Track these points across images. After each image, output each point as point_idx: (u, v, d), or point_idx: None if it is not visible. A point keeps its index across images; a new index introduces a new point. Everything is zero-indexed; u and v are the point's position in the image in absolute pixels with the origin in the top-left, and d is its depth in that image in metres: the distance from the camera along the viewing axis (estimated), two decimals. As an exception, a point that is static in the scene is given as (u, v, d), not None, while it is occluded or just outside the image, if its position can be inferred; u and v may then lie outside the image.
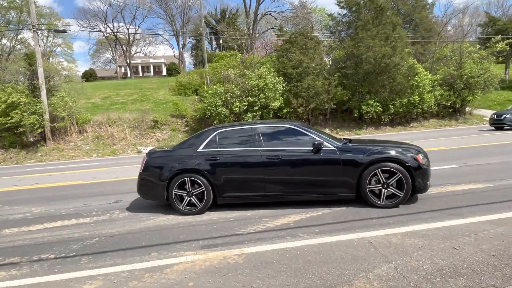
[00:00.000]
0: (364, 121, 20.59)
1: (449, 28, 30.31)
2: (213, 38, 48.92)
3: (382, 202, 4.61)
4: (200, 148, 5.10)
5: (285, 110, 19.85)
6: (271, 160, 4.86)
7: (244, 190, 5.00)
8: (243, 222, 4.39)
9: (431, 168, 4.85)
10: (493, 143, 10.73)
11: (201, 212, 4.98)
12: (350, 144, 4.97)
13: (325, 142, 4.81)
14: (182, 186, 4.98)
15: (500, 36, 22.45)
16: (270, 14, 34.63)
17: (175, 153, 5.20)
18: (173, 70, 45.32)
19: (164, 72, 57.19)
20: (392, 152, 4.66)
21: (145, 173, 5.20)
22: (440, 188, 5.40)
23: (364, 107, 19.89)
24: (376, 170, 4.56)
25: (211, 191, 4.94)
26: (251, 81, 18.95)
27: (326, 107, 20.38)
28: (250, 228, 4.11)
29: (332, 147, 4.80)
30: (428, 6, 35.15)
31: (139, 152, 16.97)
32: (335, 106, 20.93)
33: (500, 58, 29.87)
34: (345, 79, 20.13)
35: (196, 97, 23.47)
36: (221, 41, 40.90)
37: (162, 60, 60.69)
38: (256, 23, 27.34)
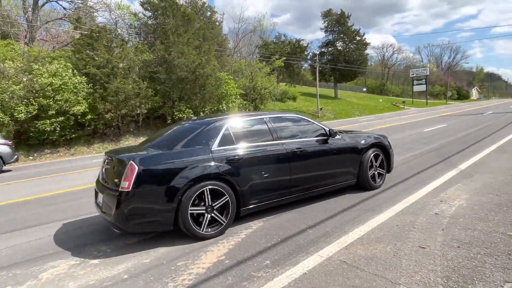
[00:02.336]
0: (179, 128, 20.43)
1: (241, 45, 34.98)
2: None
3: (377, 183, 5.33)
4: (215, 146, 3.92)
5: (88, 116, 16.81)
6: (295, 154, 4.42)
7: (271, 193, 4.23)
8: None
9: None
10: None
11: (223, 231, 3.83)
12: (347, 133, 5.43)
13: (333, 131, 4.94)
14: (197, 200, 3.65)
15: (277, 56, 27.81)
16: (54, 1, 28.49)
17: (182, 155, 3.74)
18: None
19: None
20: (380, 139, 5.53)
21: (138, 191, 3.41)
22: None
23: (177, 114, 19.74)
24: (371, 155, 5.26)
25: (235, 201, 3.87)
26: (42, 79, 14.90)
27: (139, 112, 18.82)
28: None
29: (338, 136, 4.97)
30: (217, 23, 39.12)
31: None
32: (147, 112, 19.67)
33: (281, 76, 37.11)
34: (158, 84, 19.28)
35: None
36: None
37: None
38: (37, 9, 21.81)
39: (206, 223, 3.71)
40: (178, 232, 3.73)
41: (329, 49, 53.88)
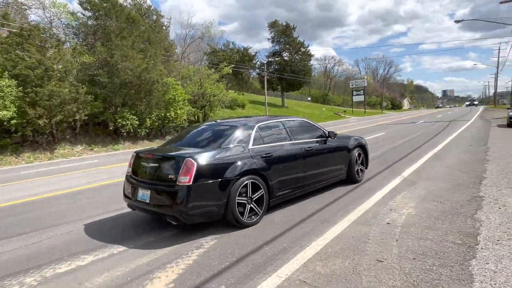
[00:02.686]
0: (121, 135, 19.16)
1: (189, 51, 34.15)
2: None
3: (360, 177, 6.41)
4: (251, 145, 4.51)
5: (13, 122, 14.90)
6: (308, 152, 5.19)
7: (291, 185, 4.91)
8: None
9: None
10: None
11: (259, 220, 4.38)
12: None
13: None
14: (241, 192, 4.16)
15: (225, 63, 27.57)
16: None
17: (230, 153, 4.24)
18: None
19: None
20: (360, 140, 6.67)
21: (197, 185, 3.81)
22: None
23: (120, 120, 18.51)
24: (356, 154, 6.31)
25: (267, 193, 4.48)
26: (-43, 80, 12.98)
27: (77, 117, 17.26)
28: None
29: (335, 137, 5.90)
30: (164, 27, 37.96)
31: None
32: (86, 118, 18.13)
33: (230, 84, 36.85)
34: (99, 88, 17.91)
35: None
36: None
37: None
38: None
39: (247, 212, 4.23)
40: (123, 256, 3.27)
41: (276, 59, 55.21)
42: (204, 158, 3.97)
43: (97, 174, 9.74)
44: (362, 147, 6.60)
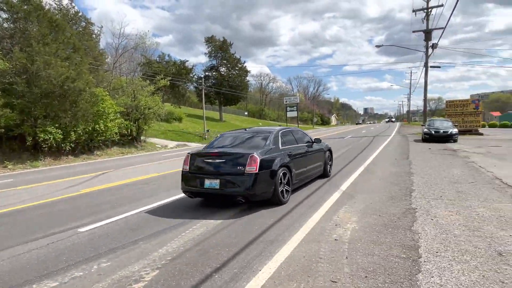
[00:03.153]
0: (41, 150, 17.04)
1: (121, 62, 32.16)
2: None
3: (330, 172, 8.76)
4: (281, 146, 6.36)
5: None
6: (308, 152, 7.35)
7: (299, 176, 6.76)
8: None
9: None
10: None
11: (288, 199, 6.16)
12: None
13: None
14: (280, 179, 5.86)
15: (161, 75, 26.59)
16: None
17: (273, 151, 6.03)
18: None
19: None
20: (328, 145, 9.07)
21: (260, 173, 5.45)
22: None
23: (41, 134, 16.49)
24: (328, 154, 8.73)
25: (291, 180, 6.22)
26: None
27: (-15, 131, 14.93)
28: None
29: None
30: (94, 36, 35.57)
31: None
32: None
33: (166, 96, 35.45)
34: (15, 98, 15.77)
35: None
36: None
37: None
38: None
39: (285, 193, 6.00)
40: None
41: (213, 73, 55.27)
42: (262, 154, 5.66)
43: (15, 195, 8.37)
44: (330, 150, 9.03)
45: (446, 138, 18.78)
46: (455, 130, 19.23)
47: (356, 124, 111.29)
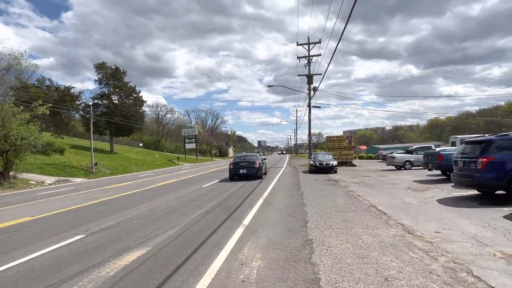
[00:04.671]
0: None
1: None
2: None
3: (262, 176, 19.26)
4: (260, 159, 20.22)
5: None
6: (262, 163, 21.36)
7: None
8: None
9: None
10: (68, 208, 10.83)
11: None
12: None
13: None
14: None
15: (40, 101, 23.24)
16: None
17: (260, 160, 19.93)
18: None
19: None
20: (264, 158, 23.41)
21: (260, 167, 18.69)
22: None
23: None
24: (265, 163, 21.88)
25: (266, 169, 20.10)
26: None
27: None
28: None
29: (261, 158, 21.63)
30: None
31: None
32: None
33: (44, 125, 30.65)
34: None
35: None
36: None
37: None
38: None
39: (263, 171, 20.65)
40: None
41: (104, 101, 51.25)
42: (258, 160, 19.12)
43: None
44: (263, 161, 20.23)
45: (328, 169, 21.32)
46: (335, 162, 22.05)
47: None
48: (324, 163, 21.73)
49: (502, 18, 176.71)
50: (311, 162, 22.81)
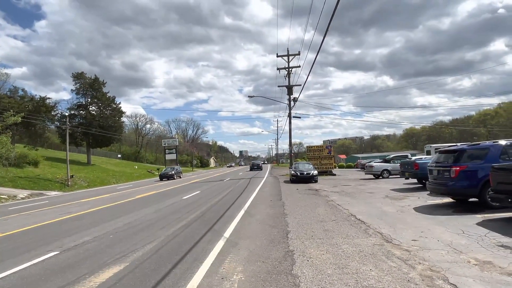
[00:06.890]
0: None
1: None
2: None
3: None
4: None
5: None
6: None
7: None
8: None
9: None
10: (45, 222, 10.40)
11: None
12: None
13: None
14: None
15: (12, 111, 22.43)
16: None
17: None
18: None
19: None
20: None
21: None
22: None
23: None
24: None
25: None
26: None
27: None
28: None
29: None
30: None
31: None
32: None
33: (17, 136, 29.56)
34: None
35: None
36: None
37: None
38: None
39: None
40: None
41: (81, 112, 50.03)
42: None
43: None
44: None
45: (309, 179, 21.49)
46: (315, 172, 22.28)
47: (228, 167, 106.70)
48: (305, 172, 21.92)
49: (470, 32, 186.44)
50: (292, 172, 22.95)
